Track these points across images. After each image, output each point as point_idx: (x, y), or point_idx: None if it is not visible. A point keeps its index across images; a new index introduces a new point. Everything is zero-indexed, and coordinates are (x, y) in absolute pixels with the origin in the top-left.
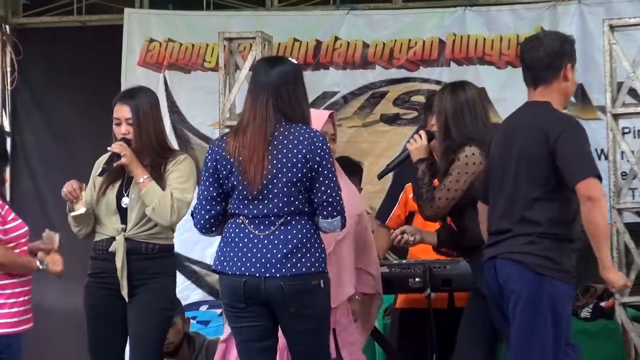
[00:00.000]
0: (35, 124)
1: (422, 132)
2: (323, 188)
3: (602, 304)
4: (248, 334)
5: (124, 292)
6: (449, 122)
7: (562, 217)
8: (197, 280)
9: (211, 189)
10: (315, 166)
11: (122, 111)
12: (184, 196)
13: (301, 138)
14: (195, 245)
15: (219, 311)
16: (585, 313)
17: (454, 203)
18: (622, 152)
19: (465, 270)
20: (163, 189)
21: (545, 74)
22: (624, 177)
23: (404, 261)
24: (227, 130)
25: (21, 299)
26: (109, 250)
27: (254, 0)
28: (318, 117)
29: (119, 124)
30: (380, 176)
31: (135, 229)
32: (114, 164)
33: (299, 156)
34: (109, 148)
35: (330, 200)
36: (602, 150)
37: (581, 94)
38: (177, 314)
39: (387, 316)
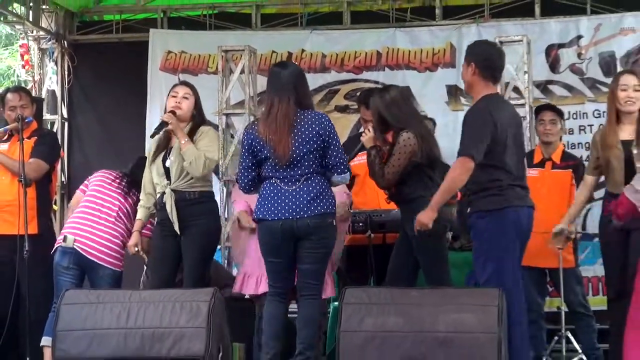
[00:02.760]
0: (85, 112)
1: (369, 127)
2: (335, 153)
3: None
4: (277, 266)
5: (176, 227)
6: (383, 114)
7: None
8: None
9: (247, 160)
10: (327, 139)
11: (183, 89)
12: (213, 156)
13: (314, 119)
14: None
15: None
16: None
17: (398, 175)
18: None
19: (395, 218)
20: None
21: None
22: None
23: (350, 211)
24: (224, 117)
25: None
26: (163, 201)
27: (243, 23)
28: None
29: (175, 96)
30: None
31: (177, 182)
32: (162, 131)
33: (314, 133)
34: (160, 118)
35: (341, 161)
36: None
37: None
38: None
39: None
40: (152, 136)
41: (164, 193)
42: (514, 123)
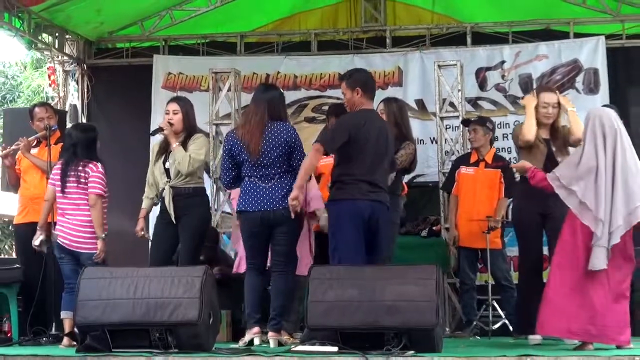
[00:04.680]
0: (101, 122)
1: None
2: (298, 157)
3: (434, 228)
4: (255, 246)
5: (172, 218)
6: (397, 120)
7: None
8: None
9: (228, 162)
10: (292, 145)
11: (172, 106)
12: (198, 156)
13: (282, 130)
14: None
15: None
16: (424, 233)
17: None
18: (445, 139)
19: None
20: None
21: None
22: (446, 154)
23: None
24: (214, 126)
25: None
26: (163, 195)
27: (230, 50)
28: None
29: (167, 114)
30: None
31: (175, 180)
32: (158, 133)
33: (282, 140)
34: (158, 124)
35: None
36: (434, 138)
37: (421, 105)
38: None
39: None
40: (152, 134)
41: (164, 189)
42: (379, 133)
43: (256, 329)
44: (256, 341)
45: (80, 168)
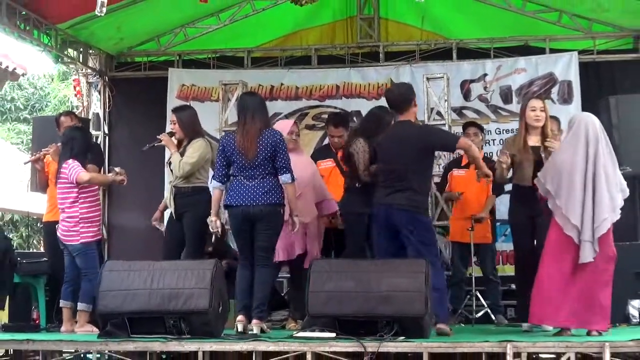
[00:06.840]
0: (121, 129)
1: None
2: (281, 159)
3: None
4: (242, 240)
5: (174, 214)
6: None
7: None
8: None
9: (221, 161)
10: (277, 148)
11: (172, 117)
12: (188, 160)
13: (271, 135)
14: None
15: None
16: None
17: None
18: None
19: None
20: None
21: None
22: (435, 157)
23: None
24: (223, 133)
25: (97, 221)
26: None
27: (238, 64)
28: (286, 123)
29: (170, 124)
30: None
31: (176, 180)
32: (156, 143)
33: (270, 145)
34: (157, 137)
35: (285, 165)
36: None
37: None
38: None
39: None
40: (146, 148)
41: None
42: (395, 140)
43: (240, 317)
44: (239, 327)
45: (61, 170)
